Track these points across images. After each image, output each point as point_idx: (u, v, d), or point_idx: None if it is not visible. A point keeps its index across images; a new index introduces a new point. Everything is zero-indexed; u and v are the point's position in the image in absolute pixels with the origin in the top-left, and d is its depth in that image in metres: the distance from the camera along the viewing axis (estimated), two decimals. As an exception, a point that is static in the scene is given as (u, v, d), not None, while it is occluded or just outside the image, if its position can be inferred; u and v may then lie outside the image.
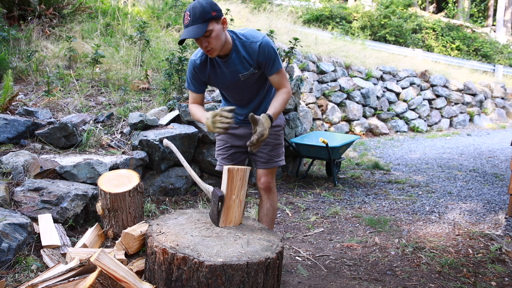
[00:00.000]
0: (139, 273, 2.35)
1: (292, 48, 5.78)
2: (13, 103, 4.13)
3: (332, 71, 9.20)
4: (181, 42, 2.35)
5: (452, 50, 15.44)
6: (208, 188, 2.41)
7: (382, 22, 13.95)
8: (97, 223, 3.17)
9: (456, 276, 2.88)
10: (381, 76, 10.31)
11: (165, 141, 2.78)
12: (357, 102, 9.36)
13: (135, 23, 6.19)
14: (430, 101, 11.00)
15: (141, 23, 5.69)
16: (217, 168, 2.80)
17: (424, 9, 21.61)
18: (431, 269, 2.98)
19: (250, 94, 2.58)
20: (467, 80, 12.03)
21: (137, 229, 2.86)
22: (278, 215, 4.06)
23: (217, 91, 4.77)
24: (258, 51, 2.37)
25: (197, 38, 2.25)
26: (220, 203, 2.27)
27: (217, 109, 2.59)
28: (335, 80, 9.21)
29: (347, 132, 8.92)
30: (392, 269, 2.97)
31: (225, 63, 2.41)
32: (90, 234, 2.94)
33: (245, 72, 2.44)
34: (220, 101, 4.64)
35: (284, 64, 5.68)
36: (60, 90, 4.69)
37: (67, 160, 3.55)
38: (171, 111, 4.58)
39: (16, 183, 3.21)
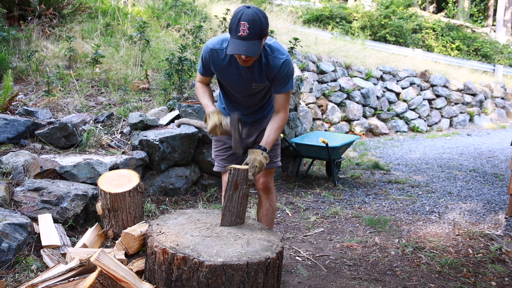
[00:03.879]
0: (139, 273, 2.35)
1: (292, 48, 5.77)
2: (13, 103, 4.13)
3: (332, 71, 9.20)
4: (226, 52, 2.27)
5: (452, 50, 15.43)
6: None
7: (382, 22, 13.95)
8: (97, 223, 3.17)
9: (456, 276, 2.88)
10: (381, 76, 10.31)
11: (177, 121, 2.75)
12: (357, 102, 9.36)
13: (135, 23, 6.19)
14: (430, 101, 11.00)
15: (141, 23, 5.69)
16: (215, 169, 2.80)
17: (424, 9, 21.61)
18: (431, 269, 2.98)
19: (253, 100, 2.59)
20: (467, 80, 12.02)
21: (137, 229, 2.86)
22: (278, 215, 4.06)
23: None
24: (279, 67, 2.35)
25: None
26: (240, 124, 2.29)
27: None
28: (335, 80, 9.21)
29: (347, 132, 8.92)
30: (392, 269, 2.97)
31: (246, 68, 2.37)
32: (90, 234, 2.94)
33: (260, 82, 2.43)
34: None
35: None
36: (60, 90, 4.69)
37: (67, 160, 3.55)
38: (171, 111, 4.58)
39: (16, 183, 3.21)
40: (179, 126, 2.65)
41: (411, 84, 10.78)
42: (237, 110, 2.63)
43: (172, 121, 4.43)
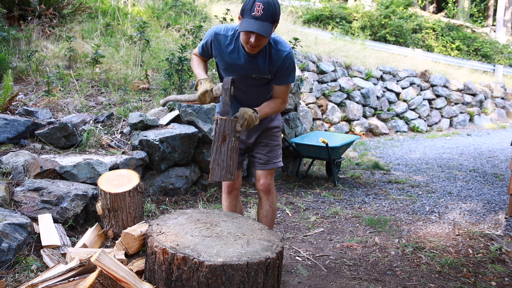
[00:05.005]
0: (139, 273, 2.35)
1: (292, 48, 5.76)
2: (13, 103, 4.12)
3: (332, 71, 9.20)
4: (242, 29, 2.23)
5: (452, 50, 15.43)
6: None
7: (382, 22, 13.95)
8: (97, 223, 3.17)
9: (456, 276, 2.88)
10: (381, 76, 10.31)
11: (162, 101, 2.70)
12: (357, 102, 9.36)
13: (135, 23, 6.19)
14: (430, 101, 11.00)
15: (141, 23, 5.69)
16: None
17: (424, 9, 21.60)
18: (431, 269, 2.98)
19: (253, 97, 2.58)
20: (467, 80, 12.02)
21: (137, 229, 2.86)
22: (278, 215, 4.06)
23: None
24: (282, 60, 2.37)
25: (251, 34, 2.20)
26: (232, 87, 2.26)
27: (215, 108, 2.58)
28: (335, 80, 9.21)
29: (347, 132, 8.92)
30: (392, 269, 2.97)
31: (250, 58, 2.38)
32: (90, 234, 2.94)
33: (261, 74, 2.43)
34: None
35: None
36: (60, 90, 4.69)
37: (67, 160, 3.54)
38: (171, 111, 4.58)
39: (16, 183, 3.21)
40: (164, 105, 2.60)
41: (411, 84, 10.78)
42: (237, 108, 2.62)
43: (172, 121, 4.43)
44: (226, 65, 2.48)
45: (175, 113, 4.48)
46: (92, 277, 1.87)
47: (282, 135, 4.41)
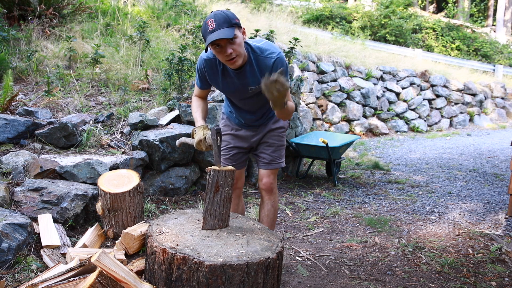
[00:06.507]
0: (139, 273, 2.35)
1: (292, 48, 5.77)
2: (13, 103, 4.13)
3: (332, 71, 9.20)
4: (207, 48, 2.25)
5: (452, 50, 15.44)
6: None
7: (382, 22, 13.95)
8: (97, 223, 3.17)
9: (456, 276, 2.88)
10: (381, 76, 10.31)
11: (178, 142, 2.72)
12: (357, 102, 9.36)
13: (135, 23, 6.19)
14: (430, 101, 11.00)
15: (141, 23, 5.69)
16: None
17: (424, 9, 21.60)
18: (431, 269, 2.98)
19: (255, 105, 2.59)
20: (467, 80, 12.02)
21: (137, 229, 2.86)
22: (278, 215, 4.06)
23: (218, 91, 4.77)
24: (272, 66, 2.34)
25: (220, 47, 2.19)
26: (218, 138, 2.28)
27: (217, 109, 2.59)
28: (335, 80, 9.21)
29: (347, 132, 8.92)
30: (392, 269, 2.97)
31: (238, 74, 2.37)
32: (90, 234, 2.94)
33: (255, 86, 2.41)
34: (221, 101, 4.64)
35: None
36: (60, 90, 4.69)
37: (67, 160, 3.54)
38: (171, 111, 4.58)
39: (16, 183, 3.21)
40: (179, 146, 2.65)
41: (411, 84, 10.79)
42: (242, 114, 2.64)
43: (172, 121, 4.43)
44: (221, 86, 2.51)
45: (175, 113, 4.48)
46: (92, 277, 1.87)
47: None
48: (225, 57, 2.24)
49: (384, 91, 10.16)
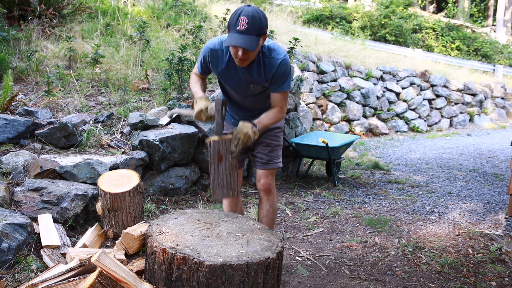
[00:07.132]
0: (139, 273, 2.35)
1: (292, 48, 5.77)
2: (13, 103, 4.12)
3: (332, 71, 9.20)
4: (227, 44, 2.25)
5: (452, 50, 15.43)
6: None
7: (382, 22, 13.95)
8: (97, 223, 3.17)
9: (456, 276, 2.88)
10: (381, 76, 10.30)
11: (169, 112, 2.73)
12: (357, 102, 9.36)
13: (135, 23, 6.19)
14: (430, 101, 11.00)
15: (141, 23, 5.69)
16: None
17: (424, 9, 21.60)
18: (431, 269, 2.98)
19: (254, 103, 2.59)
20: (467, 80, 12.02)
21: (137, 229, 2.86)
22: (278, 215, 4.06)
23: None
24: (276, 67, 2.36)
25: (237, 49, 2.21)
26: (223, 108, 2.27)
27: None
28: (335, 80, 9.21)
29: (347, 132, 8.92)
30: (392, 269, 2.97)
31: (245, 69, 2.39)
32: (90, 234, 2.94)
33: (258, 84, 2.44)
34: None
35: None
36: (60, 90, 4.69)
37: (67, 160, 3.54)
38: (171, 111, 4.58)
39: (16, 183, 3.21)
40: (170, 117, 2.64)
41: (411, 84, 10.78)
42: (239, 112, 2.64)
43: (172, 121, 4.43)
44: (224, 77, 2.51)
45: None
46: (92, 277, 1.87)
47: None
48: (237, 57, 2.26)
49: (384, 91, 10.16)
